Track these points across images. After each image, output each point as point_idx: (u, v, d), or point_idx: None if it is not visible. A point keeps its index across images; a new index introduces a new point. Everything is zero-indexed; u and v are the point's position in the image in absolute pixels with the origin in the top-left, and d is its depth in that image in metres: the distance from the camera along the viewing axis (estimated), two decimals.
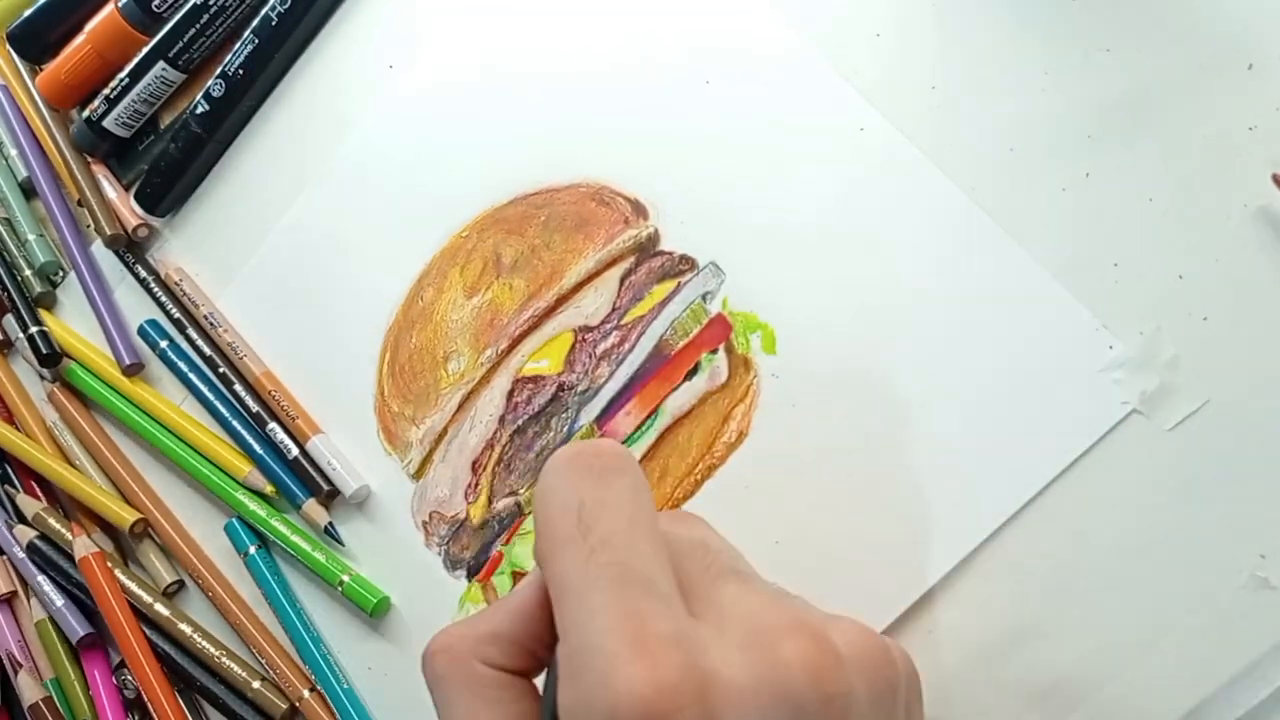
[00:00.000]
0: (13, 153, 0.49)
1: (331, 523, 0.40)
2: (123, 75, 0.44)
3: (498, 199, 0.37)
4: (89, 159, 0.47)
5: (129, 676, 0.44)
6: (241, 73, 0.42)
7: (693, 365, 0.33)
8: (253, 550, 0.41)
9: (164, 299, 0.44)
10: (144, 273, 0.45)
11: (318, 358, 0.41)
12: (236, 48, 0.42)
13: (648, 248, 0.35)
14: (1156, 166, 0.28)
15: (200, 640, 0.42)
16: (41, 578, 0.45)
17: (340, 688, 0.39)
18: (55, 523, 0.45)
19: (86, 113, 0.45)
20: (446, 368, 0.38)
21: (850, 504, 0.31)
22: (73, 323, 0.48)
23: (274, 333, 0.42)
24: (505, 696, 0.24)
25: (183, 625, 0.42)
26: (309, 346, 0.41)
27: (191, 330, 0.43)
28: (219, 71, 0.42)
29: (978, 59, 0.31)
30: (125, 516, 0.43)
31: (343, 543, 0.40)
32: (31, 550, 0.45)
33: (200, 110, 0.42)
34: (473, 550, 0.36)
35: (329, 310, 0.41)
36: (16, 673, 0.45)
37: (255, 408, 0.42)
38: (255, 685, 0.40)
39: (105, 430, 0.46)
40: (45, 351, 0.46)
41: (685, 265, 0.34)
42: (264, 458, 0.41)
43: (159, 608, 0.42)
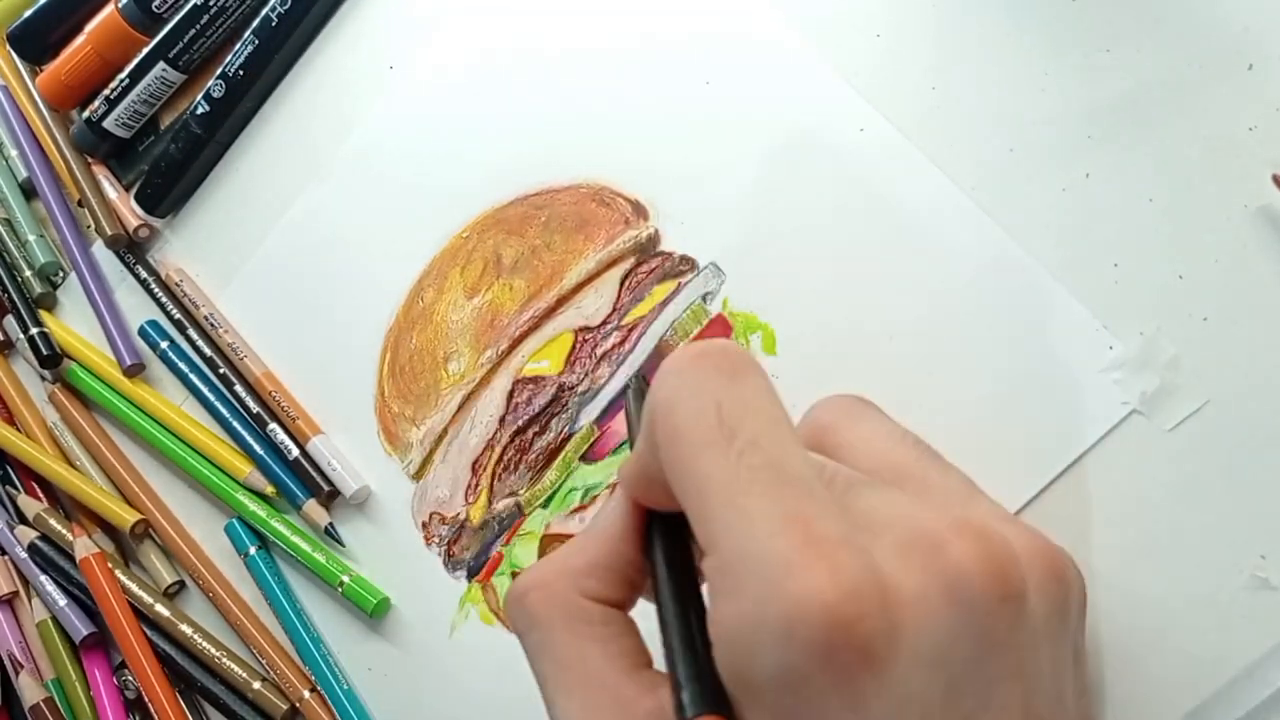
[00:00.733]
0: (13, 153, 0.49)
1: (332, 523, 0.40)
2: (123, 76, 0.44)
3: (498, 199, 0.38)
4: (89, 159, 0.47)
5: (129, 677, 0.44)
6: (242, 73, 0.42)
7: None
8: (253, 551, 0.41)
9: (164, 300, 0.44)
10: (144, 273, 0.45)
11: (318, 358, 0.41)
12: (237, 48, 0.42)
13: (648, 248, 0.35)
14: (1156, 167, 0.28)
15: (201, 641, 0.42)
16: (44, 577, 0.45)
17: (340, 688, 0.39)
18: (56, 523, 0.45)
19: (87, 113, 0.45)
20: (447, 368, 0.38)
21: None
22: (73, 324, 0.48)
23: (274, 333, 0.42)
24: (612, 632, 0.22)
25: (183, 626, 0.42)
26: (309, 347, 0.41)
27: (192, 331, 0.43)
28: (219, 72, 0.42)
29: (978, 59, 0.31)
30: (125, 517, 0.43)
31: (343, 543, 0.40)
32: (33, 551, 0.45)
33: (200, 111, 0.42)
34: (473, 551, 0.36)
35: (329, 311, 0.41)
36: (18, 673, 0.45)
37: (255, 408, 0.42)
38: (256, 686, 0.40)
39: (106, 431, 0.46)
40: (46, 352, 0.46)
41: (685, 266, 0.34)
42: (264, 458, 0.41)
43: (160, 608, 0.43)
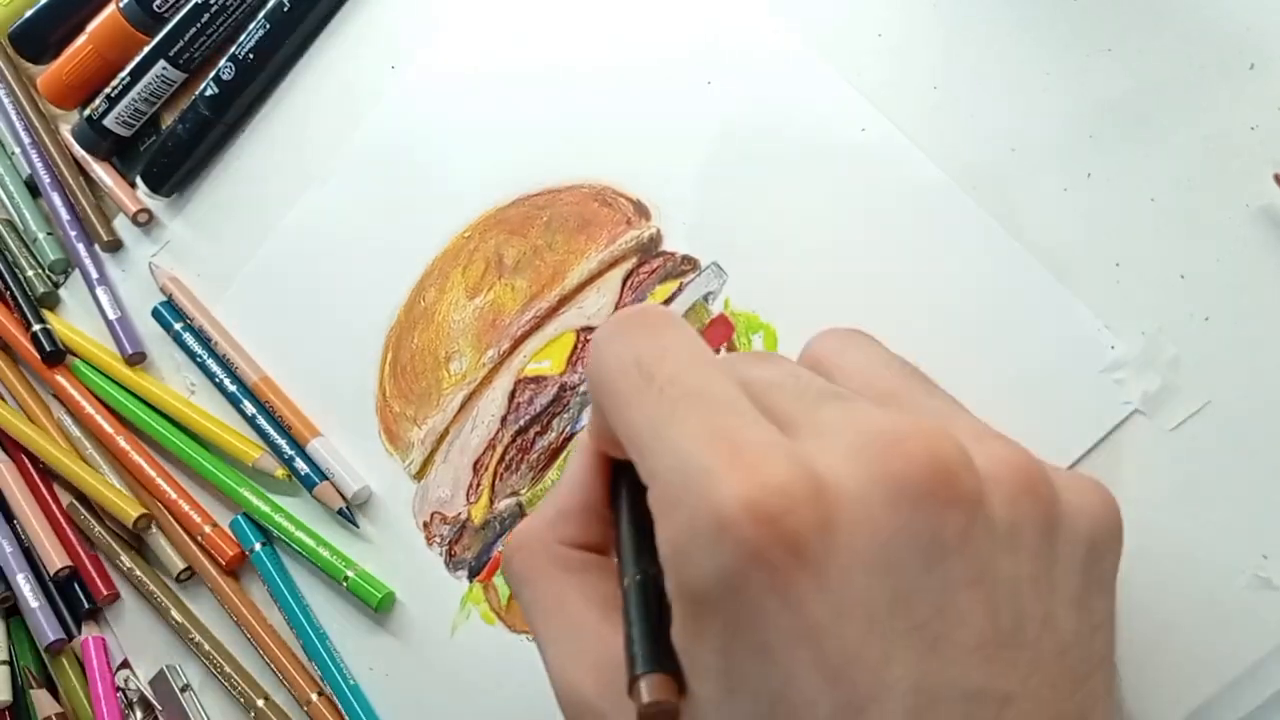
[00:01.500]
0: (16, 151, 0.50)
1: (347, 504, 0.39)
2: (124, 74, 0.44)
3: (500, 199, 0.38)
4: (93, 158, 0.47)
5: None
6: (252, 57, 0.42)
7: None
8: (258, 547, 0.41)
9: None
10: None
11: (319, 358, 0.41)
12: (250, 29, 0.42)
13: (650, 248, 0.35)
14: (1158, 166, 0.28)
15: (207, 646, 0.42)
16: (21, 576, 0.45)
17: (346, 684, 0.39)
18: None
19: (87, 111, 0.45)
20: (448, 368, 0.38)
21: None
22: (77, 322, 0.48)
23: (275, 332, 0.42)
24: (591, 576, 0.22)
25: (194, 634, 0.42)
26: (310, 347, 0.41)
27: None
28: (229, 54, 0.42)
29: (979, 59, 0.31)
30: (129, 511, 0.43)
31: (356, 524, 0.39)
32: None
33: (210, 93, 0.43)
34: (474, 551, 0.36)
35: (330, 310, 0.41)
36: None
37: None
38: (260, 704, 0.41)
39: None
40: (49, 349, 0.46)
41: (687, 266, 0.34)
42: (276, 441, 0.41)
43: (175, 614, 0.43)
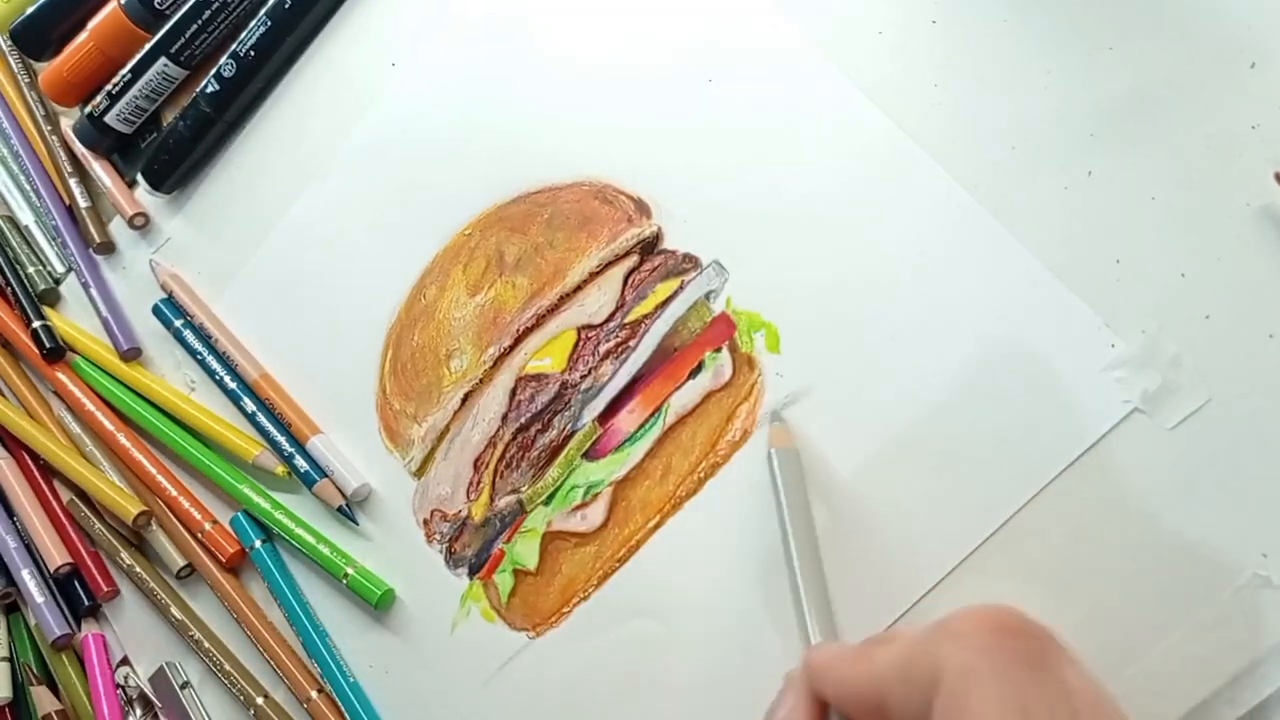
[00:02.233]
0: (19, 150, 0.50)
1: (347, 501, 0.39)
2: (125, 71, 0.44)
3: (501, 197, 0.38)
4: (93, 158, 0.47)
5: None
6: (253, 54, 0.42)
7: (696, 364, 0.33)
8: (258, 544, 0.41)
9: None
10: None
11: (319, 355, 0.41)
12: (250, 27, 0.42)
13: (651, 246, 0.35)
14: (1159, 165, 0.28)
15: (206, 643, 0.42)
16: (26, 572, 0.45)
17: (346, 682, 0.39)
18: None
19: (89, 108, 0.45)
20: (449, 366, 0.38)
21: (852, 502, 0.31)
22: (78, 319, 0.48)
23: (275, 330, 0.42)
24: None
25: (194, 631, 0.42)
26: (310, 344, 0.41)
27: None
28: (231, 51, 0.42)
29: (980, 57, 0.31)
30: (129, 509, 0.43)
31: (357, 521, 0.39)
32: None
33: (211, 89, 0.43)
34: (474, 548, 0.36)
35: (331, 308, 0.41)
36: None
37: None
38: (259, 701, 0.41)
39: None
40: (49, 345, 0.46)
41: (689, 264, 0.34)
42: (276, 438, 0.41)
43: (175, 611, 0.43)
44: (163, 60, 0.43)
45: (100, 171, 0.47)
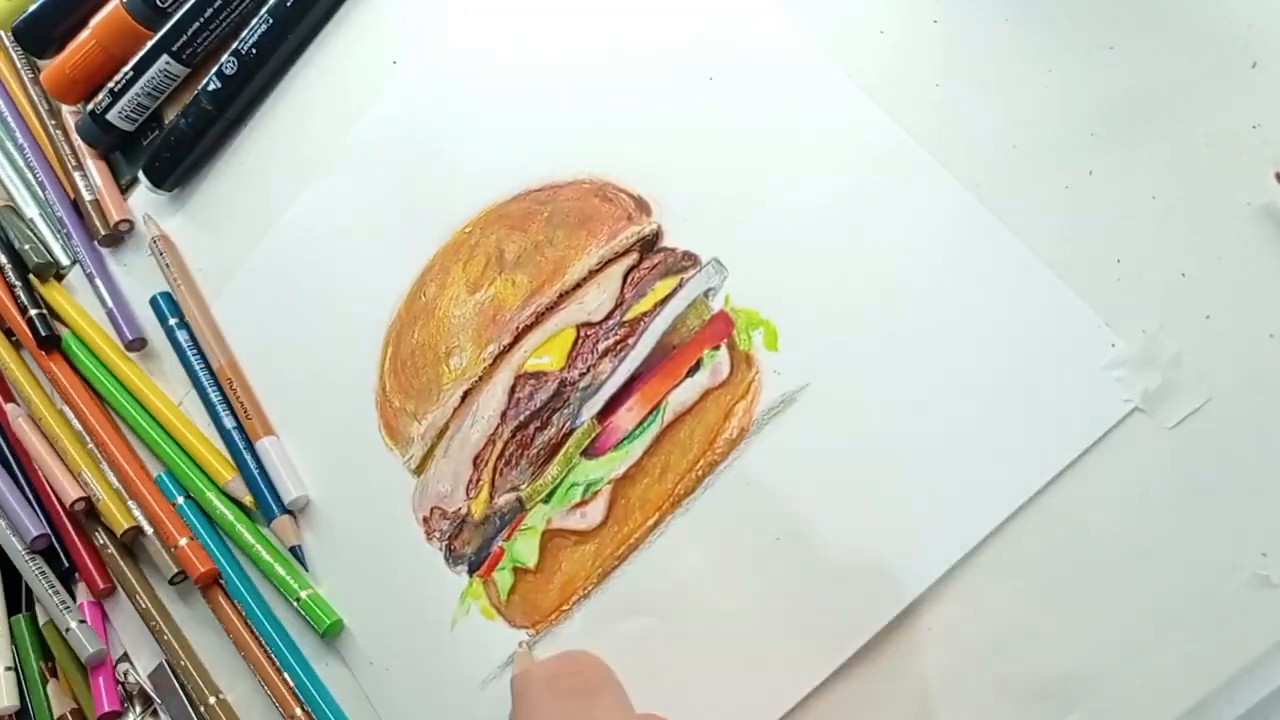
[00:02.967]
0: (23, 144, 0.50)
1: (299, 546, 0.40)
2: (127, 69, 0.44)
3: (500, 195, 0.38)
4: (90, 158, 0.47)
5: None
6: (255, 52, 0.42)
7: (695, 362, 0.33)
8: (180, 501, 0.43)
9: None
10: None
11: (318, 353, 0.41)
12: (252, 24, 0.42)
13: (651, 244, 0.35)
14: (1159, 164, 0.28)
15: (188, 663, 0.43)
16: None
17: (326, 703, 0.39)
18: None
19: (91, 106, 0.45)
20: (448, 363, 0.38)
21: (851, 501, 0.31)
22: (85, 308, 0.48)
23: (275, 327, 0.42)
24: None
25: (178, 649, 0.43)
26: (310, 341, 0.41)
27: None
28: (232, 49, 0.42)
29: (981, 56, 0.31)
30: (121, 521, 0.44)
31: (307, 566, 0.40)
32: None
33: (212, 87, 0.43)
34: (474, 546, 0.36)
35: (331, 305, 0.41)
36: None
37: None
38: (211, 701, 0.42)
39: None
40: (44, 333, 0.46)
41: (688, 262, 0.34)
42: (248, 467, 0.41)
43: (166, 634, 0.44)
44: (165, 58, 0.44)
45: (94, 172, 0.47)
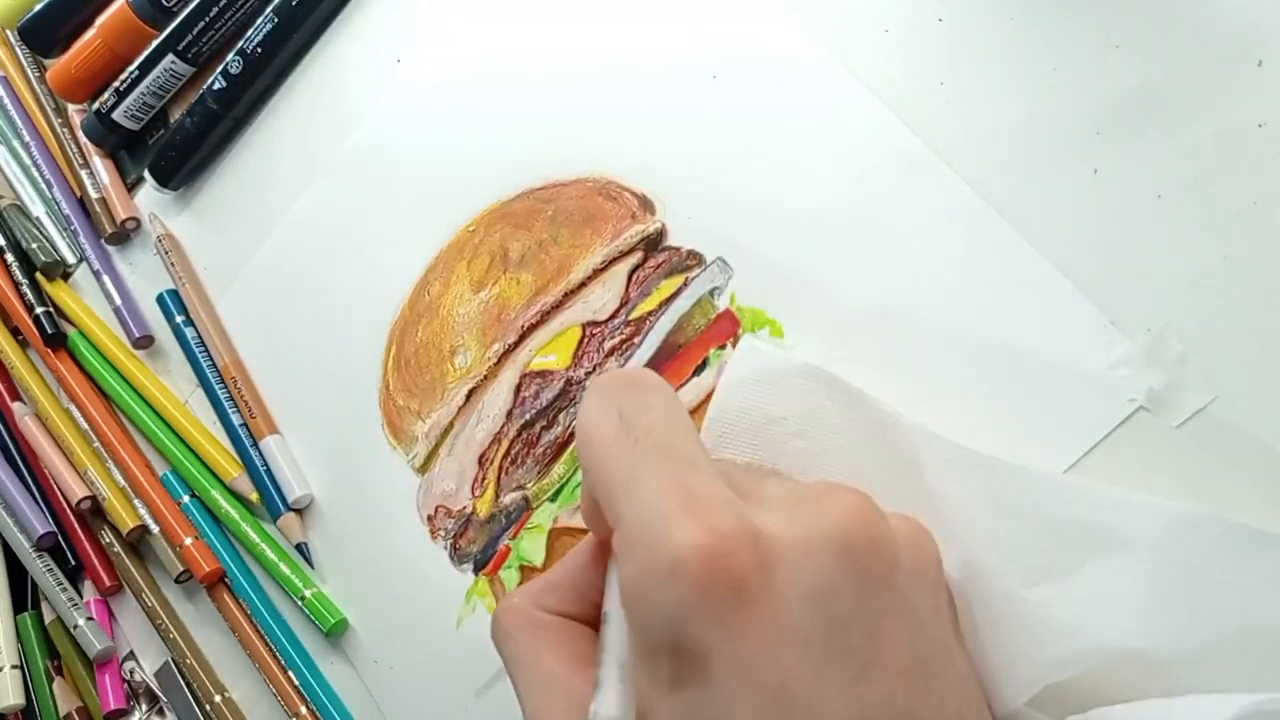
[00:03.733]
0: (30, 142, 0.50)
1: (305, 543, 0.40)
2: (132, 68, 0.44)
3: (505, 193, 0.38)
4: (97, 155, 0.48)
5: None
6: (260, 51, 0.42)
7: (701, 361, 0.33)
8: (186, 500, 0.43)
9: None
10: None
11: (323, 351, 0.41)
12: (258, 23, 0.42)
13: (655, 243, 0.35)
14: (1165, 163, 0.28)
15: (192, 661, 0.43)
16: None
17: (329, 700, 0.39)
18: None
19: (96, 105, 0.46)
20: (453, 362, 0.38)
21: None
22: (91, 306, 0.48)
23: (279, 325, 0.42)
24: (564, 637, 0.24)
25: (184, 647, 0.43)
26: (314, 340, 0.41)
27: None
28: (237, 48, 0.42)
29: (987, 55, 0.31)
30: (126, 520, 0.44)
31: (313, 564, 0.40)
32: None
33: (218, 86, 0.43)
34: (479, 544, 0.37)
35: (335, 304, 0.41)
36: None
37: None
38: (216, 699, 0.42)
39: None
40: (50, 331, 0.46)
41: (693, 260, 0.34)
42: (254, 463, 0.41)
43: (169, 629, 0.44)
44: (170, 57, 0.44)
45: (101, 170, 0.47)
